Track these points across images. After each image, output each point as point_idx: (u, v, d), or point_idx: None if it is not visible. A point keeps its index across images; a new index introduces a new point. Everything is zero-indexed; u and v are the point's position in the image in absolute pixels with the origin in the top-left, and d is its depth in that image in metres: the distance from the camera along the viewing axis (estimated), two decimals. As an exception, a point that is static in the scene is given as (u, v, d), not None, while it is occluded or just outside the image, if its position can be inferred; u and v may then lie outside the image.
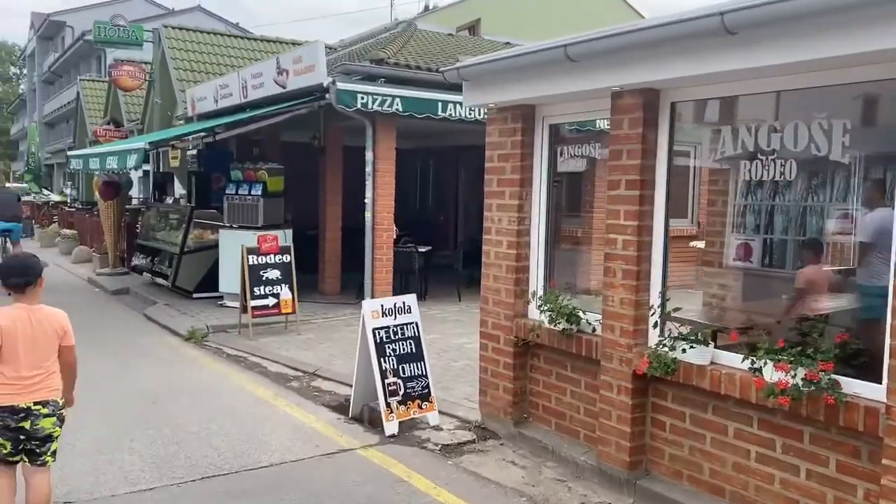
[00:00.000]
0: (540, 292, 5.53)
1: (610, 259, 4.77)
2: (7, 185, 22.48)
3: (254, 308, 9.14)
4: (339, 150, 12.38)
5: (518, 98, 5.39)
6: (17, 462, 3.91)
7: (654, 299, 4.64)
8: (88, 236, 19.05)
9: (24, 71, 71.19)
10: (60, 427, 3.98)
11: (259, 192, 10.78)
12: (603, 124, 5.09)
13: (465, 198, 16.87)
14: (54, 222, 26.21)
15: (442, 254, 13.95)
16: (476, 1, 21.63)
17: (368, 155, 10.82)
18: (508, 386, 5.68)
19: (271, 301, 9.26)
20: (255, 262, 9.23)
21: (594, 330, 5.03)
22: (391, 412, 5.76)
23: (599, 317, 4.92)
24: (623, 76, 4.48)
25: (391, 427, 5.72)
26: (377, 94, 10.10)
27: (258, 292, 9.18)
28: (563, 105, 5.32)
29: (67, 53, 47.59)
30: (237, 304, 10.44)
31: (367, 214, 10.87)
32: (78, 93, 29.24)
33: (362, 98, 9.98)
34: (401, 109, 10.26)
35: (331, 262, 12.29)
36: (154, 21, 26.44)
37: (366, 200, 10.89)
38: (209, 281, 11.74)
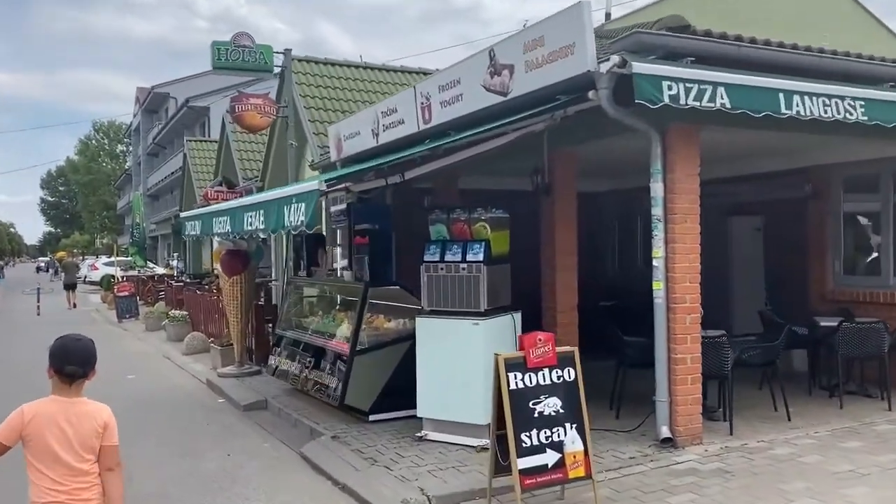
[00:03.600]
0: None
1: None
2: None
3: (525, 473, 4.90)
4: (572, 189, 8.25)
5: None
6: None
7: None
8: (202, 318, 15.52)
9: (130, 148, 72.01)
10: None
11: (480, 257, 6.70)
12: None
13: (712, 258, 12.35)
14: (160, 299, 23.19)
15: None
16: None
17: (656, 189, 6.62)
18: None
19: (551, 458, 5.00)
20: (522, 386, 5.04)
21: None
22: None
23: None
24: None
25: None
26: (694, 81, 5.93)
27: (529, 441, 4.96)
28: None
29: (172, 122, 46.36)
30: (452, 439, 6.50)
31: (658, 285, 6.61)
32: (184, 155, 26.65)
33: (671, 88, 5.82)
34: (728, 105, 6.03)
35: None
36: (240, 86, 23.46)
37: (654, 262, 6.65)
38: (391, 394, 7.71)
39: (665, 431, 6.52)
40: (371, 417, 7.68)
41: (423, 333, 6.95)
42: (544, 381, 5.12)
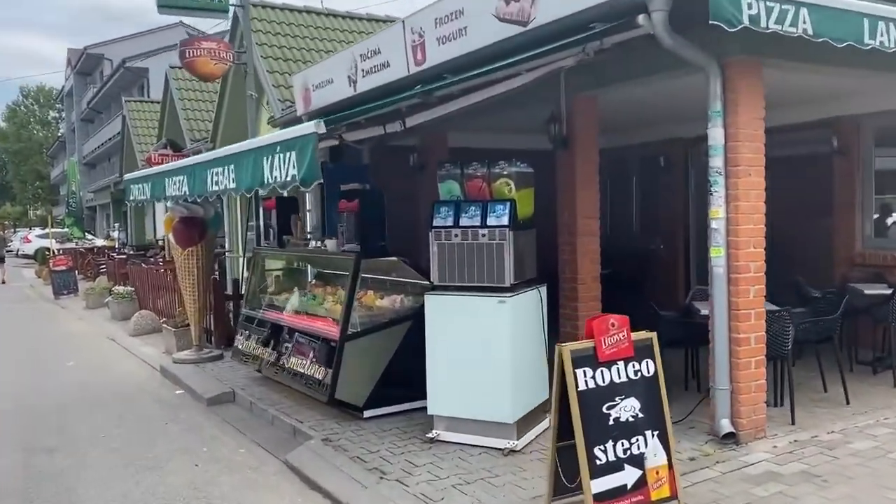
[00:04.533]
0: None
1: None
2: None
3: (600, 498, 3.76)
4: (593, 141, 7.08)
5: None
6: None
7: None
8: (150, 294, 13.99)
9: (63, 114, 68.07)
10: None
11: (505, 221, 5.49)
12: None
13: (704, 218, 11.41)
14: (102, 273, 21.40)
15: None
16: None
17: (715, 135, 5.49)
18: None
19: (630, 476, 3.88)
20: (593, 386, 3.89)
21: None
22: None
23: None
24: None
25: None
26: (775, 0, 4.79)
27: (604, 456, 3.83)
28: None
29: (107, 85, 43.60)
30: (471, 440, 5.54)
31: (718, 251, 5.51)
32: (123, 118, 24.63)
33: (751, 7, 4.65)
34: (810, 31, 4.90)
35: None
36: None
37: (713, 224, 5.55)
38: (389, 385, 6.52)
39: (726, 425, 5.47)
40: (366, 413, 6.48)
41: (433, 313, 5.73)
42: (619, 377, 3.97)
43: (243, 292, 10.43)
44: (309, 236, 7.94)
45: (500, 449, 5.51)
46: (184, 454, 6.23)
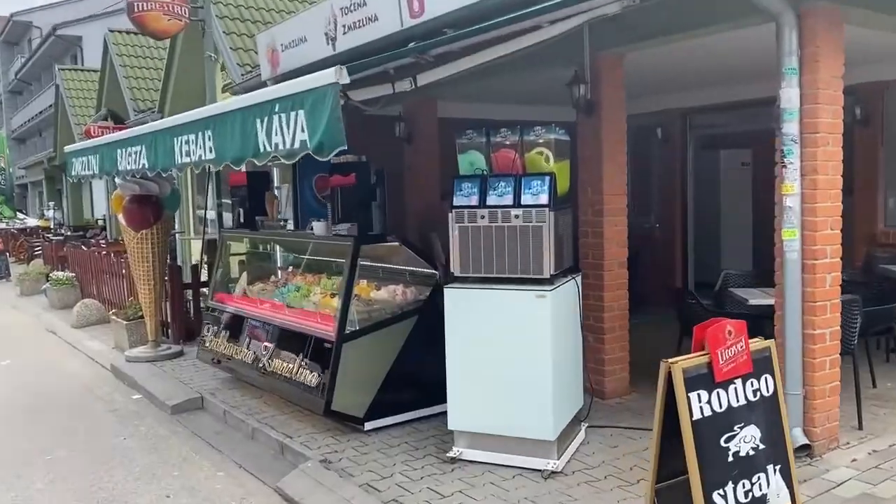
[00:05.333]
0: None
1: None
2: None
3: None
4: (621, 107, 6.19)
5: None
6: None
7: None
8: (94, 281, 12.66)
9: (-12, 85, 64.25)
10: None
11: (544, 199, 4.56)
12: None
13: (702, 195, 10.77)
14: (37, 256, 19.78)
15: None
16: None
17: (790, 96, 4.63)
18: None
19: (755, 520, 3.04)
20: (710, 413, 3.01)
21: None
22: None
23: None
24: None
25: None
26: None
27: (724, 502, 2.96)
28: None
29: (37, 54, 40.92)
30: (501, 459, 4.76)
31: (793, 234, 4.69)
32: (57, 87, 22.77)
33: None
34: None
35: (612, 331, 6.10)
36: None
37: (786, 201, 4.71)
38: (392, 392, 5.58)
39: (799, 436, 4.69)
40: (367, 426, 5.52)
41: (454, 310, 4.79)
42: (737, 400, 3.11)
43: (204, 279, 9.34)
44: (284, 219, 6.87)
45: (538, 470, 4.64)
46: (150, 481, 5.18)
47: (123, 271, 10.85)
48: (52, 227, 26.30)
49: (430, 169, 8.47)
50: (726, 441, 3.04)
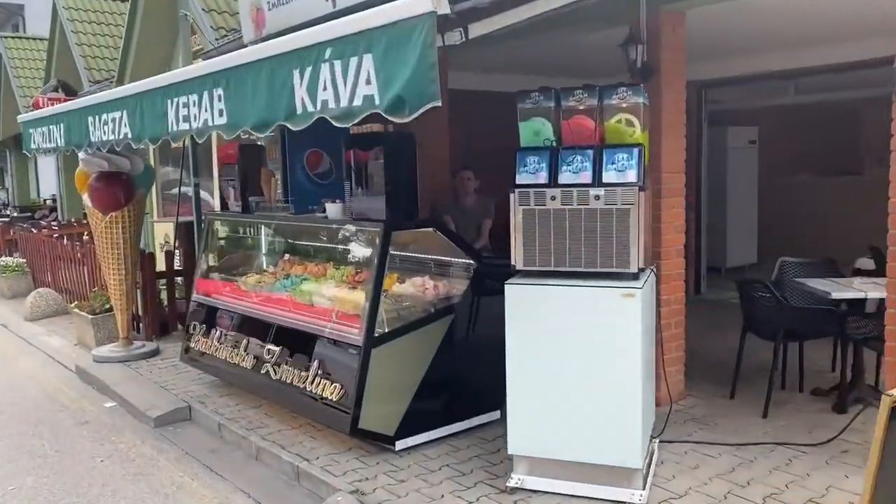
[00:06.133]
0: None
1: None
2: None
3: None
4: (682, 73, 5.40)
5: None
6: None
7: None
8: (48, 268, 11.49)
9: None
10: None
11: (632, 176, 3.76)
12: None
13: (714, 171, 10.13)
14: (-19, 240, 18.30)
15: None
16: None
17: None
18: None
19: None
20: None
21: None
22: None
23: None
24: None
25: None
26: None
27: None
28: None
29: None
30: (572, 489, 3.99)
31: (918, 219, 3.97)
32: (0, 56, 21.09)
33: None
34: None
35: (668, 329, 5.32)
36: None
37: (910, 181, 3.98)
38: (426, 403, 4.75)
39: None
40: (398, 444, 4.68)
41: (517, 311, 3.96)
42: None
43: (178, 268, 8.36)
44: (285, 200, 5.94)
45: (619, 502, 3.87)
46: (142, 521, 4.28)
47: (81, 256, 9.78)
48: (-4, 207, 24.65)
49: (440, 145, 7.59)
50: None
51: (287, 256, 6.18)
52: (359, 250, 5.11)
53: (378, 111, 2.73)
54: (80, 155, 7.00)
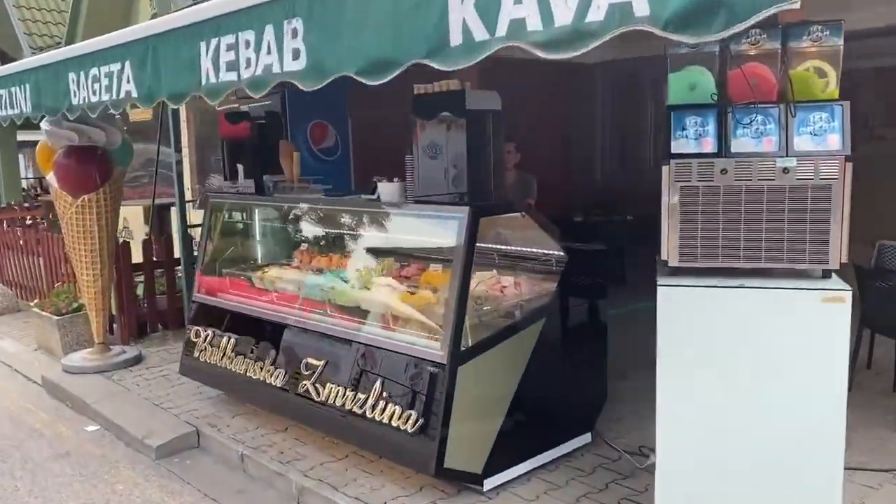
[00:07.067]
0: None
1: None
2: None
3: None
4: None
5: None
6: None
7: None
8: (5, 261, 10.08)
9: None
10: None
11: (834, 141, 2.86)
12: None
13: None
14: None
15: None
16: None
17: None
18: None
19: None
20: None
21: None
22: None
23: None
24: None
25: None
26: None
27: None
28: None
29: None
30: None
31: None
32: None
33: None
34: None
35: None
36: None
37: None
38: (515, 432, 3.80)
39: None
40: (487, 483, 3.73)
41: (673, 322, 3.02)
42: None
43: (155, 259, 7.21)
44: (312, 179, 4.88)
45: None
46: None
47: (35, 247, 8.50)
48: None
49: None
50: None
51: (319, 248, 5.12)
52: (428, 242, 4.11)
53: (646, 27, 1.71)
54: (43, 125, 5.79)
